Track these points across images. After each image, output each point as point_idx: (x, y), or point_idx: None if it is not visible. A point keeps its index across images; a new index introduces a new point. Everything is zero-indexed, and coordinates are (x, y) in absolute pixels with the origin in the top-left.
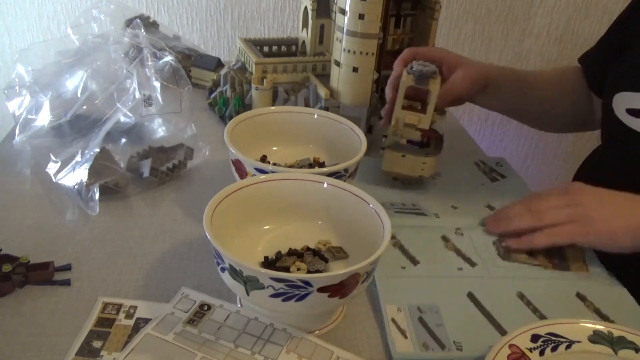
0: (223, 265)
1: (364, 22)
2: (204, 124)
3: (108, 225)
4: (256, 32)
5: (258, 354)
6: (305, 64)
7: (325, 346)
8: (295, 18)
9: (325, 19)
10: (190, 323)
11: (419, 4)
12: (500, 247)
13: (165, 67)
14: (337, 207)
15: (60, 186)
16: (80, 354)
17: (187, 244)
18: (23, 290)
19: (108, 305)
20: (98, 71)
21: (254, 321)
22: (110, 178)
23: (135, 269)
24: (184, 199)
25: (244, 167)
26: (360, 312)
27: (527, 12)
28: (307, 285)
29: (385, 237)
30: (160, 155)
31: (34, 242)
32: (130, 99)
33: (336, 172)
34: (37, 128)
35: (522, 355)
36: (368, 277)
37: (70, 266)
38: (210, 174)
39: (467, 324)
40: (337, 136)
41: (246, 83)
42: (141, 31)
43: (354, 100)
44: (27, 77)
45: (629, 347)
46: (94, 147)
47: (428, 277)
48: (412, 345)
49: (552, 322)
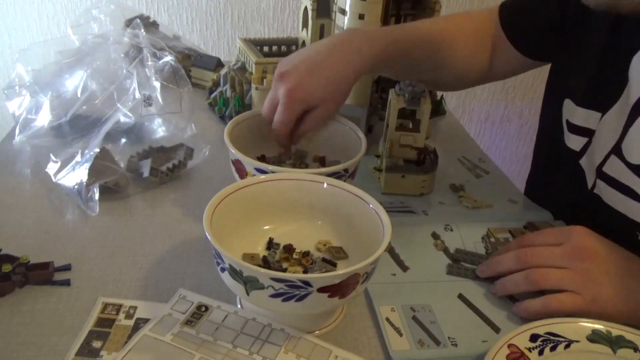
0: (223, 266)
1: (364, 22)
2: (204, 124)
3: (108, 225)
4: (256, 32)
5: (256, 354)
6: None
7: (324, 345)
8: (295, 18)
9: (325, 19)
10: (188, 324)
11: (419, 4)
12: (488, 243)
13: (165, 67)
14: (337, 207)
15: (60, 186)
16: (80, 354)
17: (187, 244)
18: (23, 290)
19: (108, 306)
20: (98, 71)
21: (252, 322)
22: (110, 178)
23: (135, 269)
24: (184, 199)
25: (243, 167)
26: (360, 312)
27: None
28: (307, 286)
29: (385, 237)
30: (160, 155)
31: (34, 242)
32: (130, 99)
33: (336, 172)
34: (37, 128)
35: (521, 354)
36: (368, 278)
37: (70, 266)
38: (210, 174)
39: (460, 321)
40: (337, 136)
41: (246, 83)
42: (141, 31)
43: (354, 100)
44: (27, 77)
45: (627, 347)
46: (94, 147)
47: (418, 282)
48: (407, 342)
49: (551, 321)
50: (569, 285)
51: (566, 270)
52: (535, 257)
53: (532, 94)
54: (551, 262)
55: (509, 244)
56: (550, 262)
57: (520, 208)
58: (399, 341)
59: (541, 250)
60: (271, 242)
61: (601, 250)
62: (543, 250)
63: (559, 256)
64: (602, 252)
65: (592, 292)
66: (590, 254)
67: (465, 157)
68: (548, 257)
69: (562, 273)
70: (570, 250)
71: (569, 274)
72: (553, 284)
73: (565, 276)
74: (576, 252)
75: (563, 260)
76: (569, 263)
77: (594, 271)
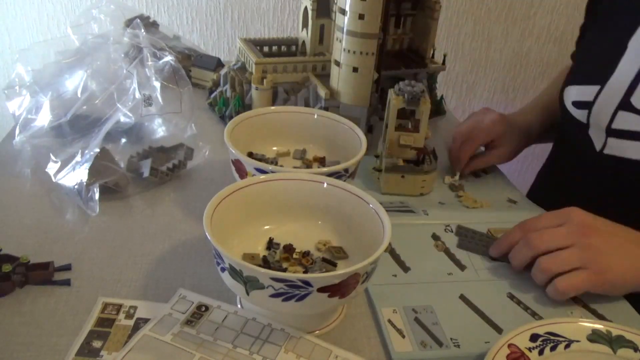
0: (223, 265)
1: (364, 22)
2: (204, 124)
3: (108, 225)
4: (256, 32)
5: (256, 354)
6: (305, 64)
7: (324, 345)
8: (295, 18)
9: (325, 19)
10: (188, 324)
11: (419, 4)
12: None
13: (165, 67)
14: (337, 207)
15: (60, 186)
16: (80, 354)
17: (186, 244)
18: (23, 290)
19: (108, 306)
20: (98, 71)
21: (252, 322)
22: (110, 178)
23: (135, 269)
24: (184, 199)
25: (244, 167)
26: (360, 312)
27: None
28: (307, 286)
29: (385, 237)
30: (160, 155)
31: (34, 242)
32: (130, 99)
33: (336, 172)
34: (37, 128)
35: (521, 354)
36: (368, 277)
37: (70, 266)
38: (210, 174)
39: (462, 322)
40: (337, 136)
41: (246, 83)
42: (141, 31)
43: (354, 100)
44: (27, 77)
45: (627, 346)
46: (94, 147)
47: (419, 283)
48: (410, 344)
49: (551, 321)
50: (577, 262)
51: (573, 248)
52: (541, 242)
53: (532, 94)
54: (559, 243)
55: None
56: (558, 243)
57: (520, 208)
58: (402, 343)
59: (547, 233)
60: (271, 242)
61: (601, 226)
62: (547, 233)
63: (563, 236)
64: (602, 227)
65: (600, 264)
66: (593, 229)
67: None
68: (554, 238)
69: (569, 252)
70: (575, 228)
71: (576, 251)
72: (563, 265)
73: (573, 254)
74: (580, 229)
75: (569, 239)
76: (575, 240)
77: (600, 244)
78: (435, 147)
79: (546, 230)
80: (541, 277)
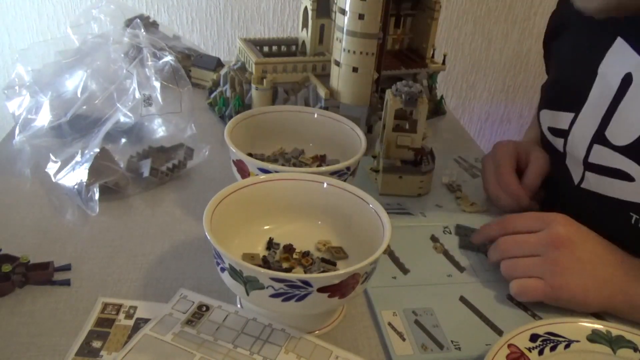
0: (223, 266)
1: (364, 22)
2: (204, 124)
3: (108, 225)
4: (256, 32)
5: (257, 354)
6: (305, 64)
7: (324, 346)
8: (295, 18)
9: (325, 19)
10: (189, 324)
11: (419, 4)
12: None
13: (165, 67)
14: (337, 207)
15: (60, 186)
16: (80, 354)
17: (186, 244)
18: (23, 290)
19: (108, 306)
20: (98, 71)
21: (253, 322)
22: (110, 178)
23: (135, 269)
24: (183, 199)
25: (246, 167)
26: (360, 312)
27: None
28: (307, 286)
29: (385, 237)
30: (160, 155)
31: (34, 242)
32: (130, 99)
33: (339, 170)
34: (37, 128)
35: (521, 354)
36: (368, 278)
37: (70, 266)
38: (210, 174)
39: (462, 324)
40: (338, 136)
41: (246, 83)
42: (141, 31)
43: (354, 100)
44: (27, 77)
45: (627, 347)
46: (94, 147)
47: (419, 286)
48: (411, 347)
49: (551, 321)
50: (536, 272)
51: (537, 258)
52: (511, 247)
53: (532, 94)
54: (525, 251)
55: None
56: (525, 251)
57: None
58: (402, 346)
59: (517, 239)
60: (271, 242)
61: (577, 239)
62: (519, 238)
63: (533, 244)
64: (577, 240)
65: (558, 279)
66: (564, 241)
67: (462, 157)
68: (523, 245)
69: (531, 261)
70: (545, 238)
71: (538, 262)
72: (521, 273)
73: (535, 263)
74: (550, 240)
75: (537, 248)
76: (542, 250)
77: (564, 259)
78: (434, 147)
79: (519, 236)
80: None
